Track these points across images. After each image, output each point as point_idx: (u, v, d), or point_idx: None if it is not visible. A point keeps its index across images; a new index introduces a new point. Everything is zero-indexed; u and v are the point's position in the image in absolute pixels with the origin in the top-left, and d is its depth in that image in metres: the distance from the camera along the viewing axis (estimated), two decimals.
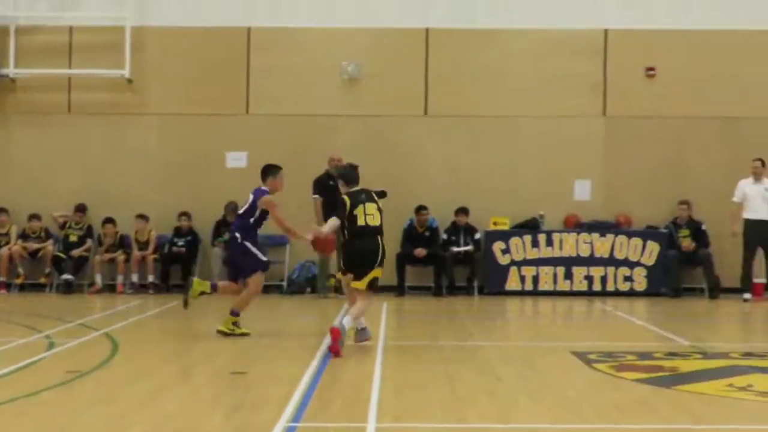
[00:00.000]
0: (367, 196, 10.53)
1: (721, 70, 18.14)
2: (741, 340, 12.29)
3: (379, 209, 10.51)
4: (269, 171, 11.46)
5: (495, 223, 17.81)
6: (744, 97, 18.11)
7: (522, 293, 17.37)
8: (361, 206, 10.43)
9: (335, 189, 11.42)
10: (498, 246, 17.52)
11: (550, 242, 17.53)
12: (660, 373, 8.86)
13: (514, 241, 17.53)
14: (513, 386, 8.33)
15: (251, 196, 11.35)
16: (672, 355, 10.02)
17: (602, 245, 17.53)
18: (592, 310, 15.80)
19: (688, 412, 7.23)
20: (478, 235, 17.64)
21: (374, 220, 10.42)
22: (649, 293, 17.29)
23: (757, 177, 16.77)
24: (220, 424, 6.66)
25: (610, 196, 18.24)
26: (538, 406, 7.46)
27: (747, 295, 16.49)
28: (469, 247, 17.56)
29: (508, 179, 18.09)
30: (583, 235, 17.59)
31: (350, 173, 10.76)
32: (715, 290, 17.21)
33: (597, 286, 17.45)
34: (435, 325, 13.36)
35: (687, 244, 17.50)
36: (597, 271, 17.51)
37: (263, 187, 11.35)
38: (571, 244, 17.53)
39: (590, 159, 18.26)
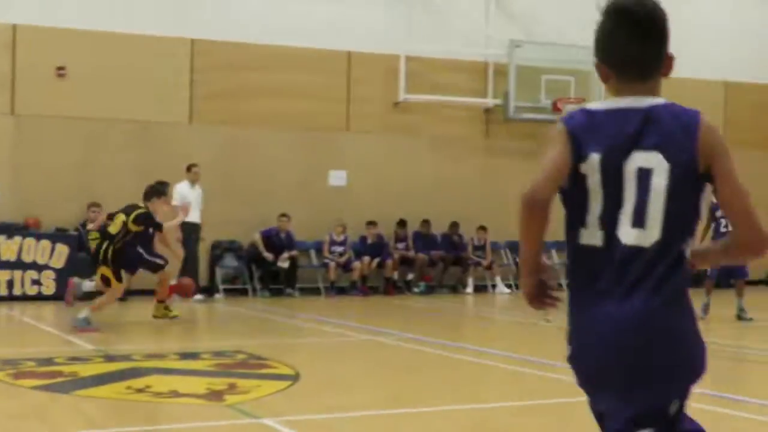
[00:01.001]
0: (126, 210, 12.66)
1: (131, 73, 18.26)
2: (145, 342, 12.42)
3: (125, 223, 12.43)
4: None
5: None
6: (155, 101, 18.44)
7: None
8: (117, 214, 12.67)
9: None
10: None
11: None
12: (59, 379, 8.70)
13: None
14: None
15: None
16: (74, 359, 9.89)
17: (9, 248, 16.83)
18: None
19: (84, 417, 7.16)
20: None
21: (113, 228, 12.56)
22: (58, 297, 16.91)
23: (194, 181, 17.28)
24: None
25: (20, 197, 17.61)
26: None
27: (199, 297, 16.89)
28: None
29: None
30: None
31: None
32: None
33: (3, 291, 16.74)
34: None
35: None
36: (3, 275, 16.80)
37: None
38: None
39: None
